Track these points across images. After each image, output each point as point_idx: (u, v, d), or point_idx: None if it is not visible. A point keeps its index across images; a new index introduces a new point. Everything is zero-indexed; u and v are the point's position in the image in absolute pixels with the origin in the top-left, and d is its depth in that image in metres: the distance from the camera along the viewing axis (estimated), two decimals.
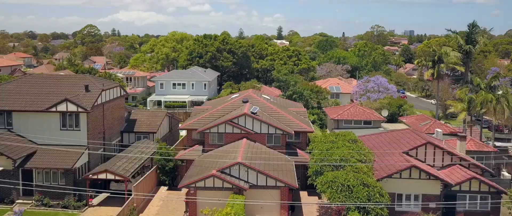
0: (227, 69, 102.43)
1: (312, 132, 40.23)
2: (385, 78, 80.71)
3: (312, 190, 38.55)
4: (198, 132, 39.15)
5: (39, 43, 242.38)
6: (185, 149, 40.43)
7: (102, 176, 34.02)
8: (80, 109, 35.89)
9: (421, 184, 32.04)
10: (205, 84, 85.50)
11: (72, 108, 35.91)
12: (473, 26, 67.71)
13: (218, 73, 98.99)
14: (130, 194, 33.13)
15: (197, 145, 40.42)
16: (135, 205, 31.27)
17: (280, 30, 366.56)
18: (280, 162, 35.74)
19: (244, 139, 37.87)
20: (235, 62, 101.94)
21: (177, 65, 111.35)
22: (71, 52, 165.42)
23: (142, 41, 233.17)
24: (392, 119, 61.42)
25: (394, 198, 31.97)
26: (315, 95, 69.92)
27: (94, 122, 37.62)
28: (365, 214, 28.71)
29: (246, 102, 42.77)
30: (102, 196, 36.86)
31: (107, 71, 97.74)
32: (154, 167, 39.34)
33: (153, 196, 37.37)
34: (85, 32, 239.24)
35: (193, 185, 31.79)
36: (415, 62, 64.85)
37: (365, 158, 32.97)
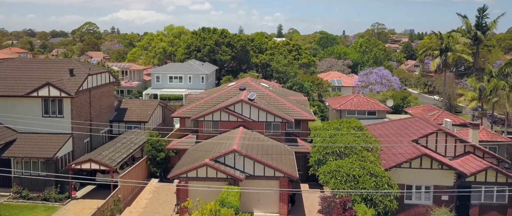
0: (225, 63, 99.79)
1: (313, 120, 37.60)
2: (388, 70, 78.17)
3: (314, 183, 36.05)
4: (192, 120, 36.50)
5: (38, 41, 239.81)
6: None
7: (86, 166, 31.37)
8: (63, 94, 33.22)
9: (433, 175, 29.39)
10: (202, 77, 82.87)
11: (54, 93, 33.25)
12: (483, 10, 64.51)
13: (216, 67, 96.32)
14: (117, 186, 30.48)
15: (190, 135, 37.80)
16: (120, 196, 28.61)
17: (280, 28, 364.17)
18: (279, 151, 33.14)
19: (241, 128, 35.23)
20: (234, 56, 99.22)
21: (174, 60, 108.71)
22: (69, 48, 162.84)
23: (142, 39, 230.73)
24: (396, 111, 58.88)
25: (403, 190, 29.30)
26: (316, 87, 67.31)
27: (80, 108, 34.96)
28: (372, 206, 26.10)
29: (244, 89, 40.14)
30: (88, 188, 34.25)
31: (102, 63, 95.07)
32: (144, 157, 36.69)
33: (143, 186, 34.74)
34: (84, 29, 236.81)
35: (184, 175, 29.16)
36: (420, 53, 62.05)
37: (371, 147, 30.33)
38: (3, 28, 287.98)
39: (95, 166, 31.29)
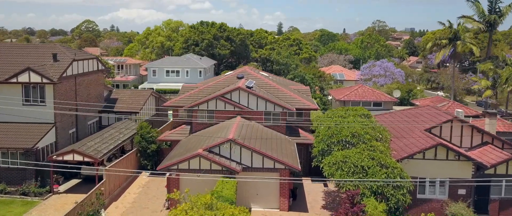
0: (224, 58, 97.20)
1: (316, 109, 34.94)
2: (392, 62, 75.54)
3: (316, 177, 33.42)
4: (185, 109, 33.85)
5: (37, 39, 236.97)
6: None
7: (68, 157, 28.71)
8: (45, 80, 30.58)
9: (449, 166, 26.70)
10: (200, 71, 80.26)
11: (35, 78, 30.61)
12: None
13: (215, 62, 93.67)
14: (102, 179, 27.83)
15: (184, 125, 35.17)
16: (102, 189, 25.94)
17: (280, 26, 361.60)
18: (279, 142, 30.53)
19: (238, 117, 32.59)
20: (233, 50, 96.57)
21: (172, 55, 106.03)
22: (67, 45, 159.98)
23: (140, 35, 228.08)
24: (402, 104, 56.19)
25: (416, 183, 26.64)
26: (318, 80, 64.67)
27: (64, 96, 32.32)
28: (383, 201, 23.47)
29: (241, 78, 37.44)
30: (73, 182, 31.64)
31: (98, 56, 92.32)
32: (133, 149, 34.05)
33: (132, 180, 32.11)
34: (83, 27, 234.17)
35: (175, 167, 26.53)
36: (428, 45, 59.34)
37: (380, 136, 27.68)
38: (2, 27, 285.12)
39: (78, 158, 28.63)
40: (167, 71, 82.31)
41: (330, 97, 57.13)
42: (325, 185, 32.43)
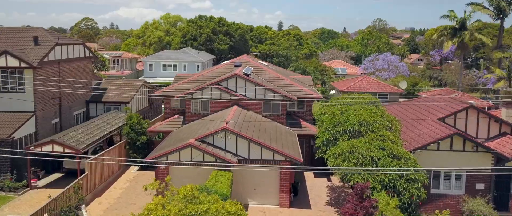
0: (223, 53, 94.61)
1: (320, 98, 32.44)
2: (395, 56, 73.06)
3: (320, 171, 30.90)
4: (177, 98, 31.31)
5: None
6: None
7: (47, 148, 26.18)
8: (23, 65, 28.05)
9: (466, 158, 24.15)
10: (198, 66, 77.62)
11: (13, 63, 28.07)
12: None
13: (213, 56, 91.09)
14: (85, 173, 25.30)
15: (176, 116, 32.65)
16: (81, 182, 23.39)
17: (280, 24, 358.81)
18: (279, 133, 28.05)
19: (235, 107, 30.07)
20: (232, 45, 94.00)
21: (170, 49, 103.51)
22: None
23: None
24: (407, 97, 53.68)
25: (430, 177, 24.08)
26: (319, 73, 62.23)
27: (45, 83, 29.77)
28: (395, 195, 20.96)
29: (239, 66, 34.90)
30: (54, 176, 29.16)
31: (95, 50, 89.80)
32: (121, 141, 31.53)
33: (119, 175, 29.60)
34: (82, 25, 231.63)
35: (164, 158, 24.01)
36: (435, 36, 56.67)
37: (390, 125, 25.17)
38: (1, 25, 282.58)
39: (58, 149, 26.09)
40: (164, 65, 79.77)
41: (332, 92, 54.64)
42: (329, 180, 29.95)
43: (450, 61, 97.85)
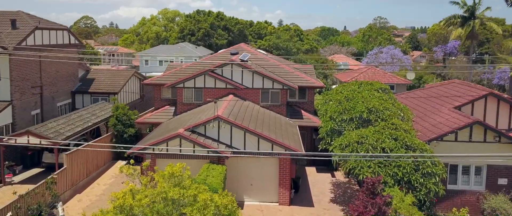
0: (221, 48, 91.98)
1: (322, 87, 30.00)
2: (398, 49, 70.59)
3: (322, 167, 28.54)
4: (168, 86, 28.81)
5: None
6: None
7: (22, 140, 23.67)
8: None
9: (487, 150, 21.60)
10: (195, 60, 75.08)
11: None
12: None
13: (212, 52, 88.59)
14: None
15: (167, 106, 30.16)
16: (55, 177, 20.87)
17: (280, 22, 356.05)
18: (278, 124, 25.58)
19: (230, 96, 27.59)
20: (230, 40, 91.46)
21: (167, 44, 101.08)
22: None
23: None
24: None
25: (446, 171, 21.57)
26: (321, 67, 59.73)
27: (24, 71, 27.34)
28: (409, 190, 18.48)
29: (235, 54, 32.38)
30: (33, 170, 26.69)
31: (89, 45, 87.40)
32: (107, 134, 29.06)
33: (105, 170, 27.12)
34: (81, 23, 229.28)
35: (150, 150, 21.54)
36: (443, 23, 54.16)
37: (402, 114, 22.67)
38: None
39: (34, 141, 23.61)
40: (160, 61, 77.29)
41: (334, 86, 52.12)
42: (333, 176, 27.48)
43: (454, 57, 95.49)
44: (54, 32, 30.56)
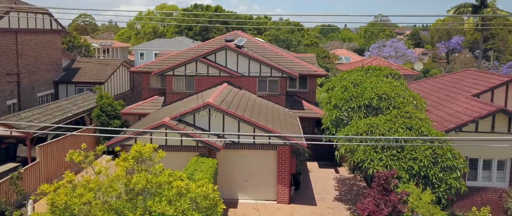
0: None
1: (325, 75, 27.58)
2: (402, 42, 68.22)
3: (325, 162, 26.15)
4: (156, 74, 26.35)
5: None
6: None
7: None
8: None
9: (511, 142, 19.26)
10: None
11: None
12: None
13: None
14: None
15: (156, 96, 27.73)
16: (22, 171, 18.44)
17: (280, 19, 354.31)
18: (277, 114, 23.16)
19: (224, 84, 25.15)
20: None
21: None
22: None
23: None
24: None
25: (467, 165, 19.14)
26: (322, 60, 57.27)
27: None
28: (427, 187, 16.05)
29: (231, 41, 29.94)
30: (7, 166, 24.18)
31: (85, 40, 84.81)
32: (90, 126, 26.63)
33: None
34: (80, 21, 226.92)
35: (131, 142, 19.12)
36: (453, 11, 51.82)
37: (414, 102, 20.24)
38: None
39: (4, 132, 21.18)
40: (156, 54, 74.66)
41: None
42: (337, 172, 25.07)
43: (456, 54, 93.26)
44: (33, 15, 28.12)
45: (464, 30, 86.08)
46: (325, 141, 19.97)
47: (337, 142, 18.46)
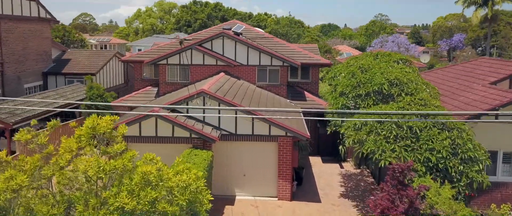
0: None
1: (329, 65, 25.89)
2: (405, 37, 66.62)
3: (329, 157, 24.52)
4: (148, 62, 24.69)
5: None
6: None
7: None
8: None
9: None
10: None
11: None
12: None
13: None
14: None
15: (149, 87, 26.09)
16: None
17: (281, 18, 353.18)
18: (278, 105, 21.51)
19: (221, 74, 23.51)
20: None
21: None
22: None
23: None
24: None
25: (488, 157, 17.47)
26: (324, 55, 55.72)
27: None
28: (445, 180, 14.41)
29: (229, 29, 28.27)
30: None
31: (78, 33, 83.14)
32: (79, 118, 24.98)
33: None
34: (80, 20, 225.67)
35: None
36: (457, 3, 50.17)
37: (427, 90, 18.56)
38: None
39: None
40: None
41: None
42: (341, 167, 23.41)
43: (458, 52, 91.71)
44: (18, 1, 26.44)
45: (468, 26, 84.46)
46: (329, 133, 18.31)
47: (343, 134, 16.76)
